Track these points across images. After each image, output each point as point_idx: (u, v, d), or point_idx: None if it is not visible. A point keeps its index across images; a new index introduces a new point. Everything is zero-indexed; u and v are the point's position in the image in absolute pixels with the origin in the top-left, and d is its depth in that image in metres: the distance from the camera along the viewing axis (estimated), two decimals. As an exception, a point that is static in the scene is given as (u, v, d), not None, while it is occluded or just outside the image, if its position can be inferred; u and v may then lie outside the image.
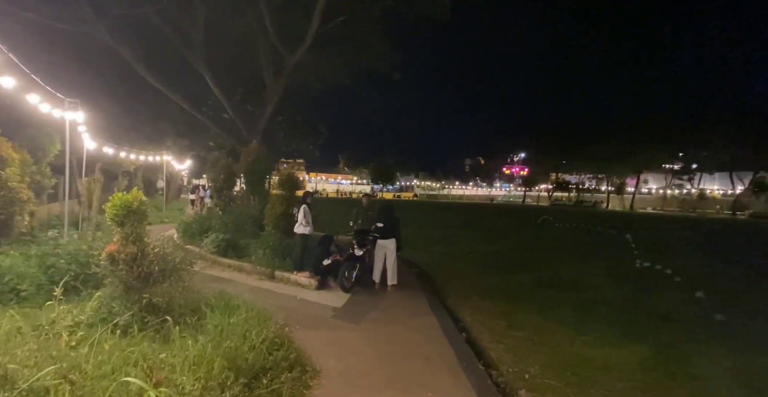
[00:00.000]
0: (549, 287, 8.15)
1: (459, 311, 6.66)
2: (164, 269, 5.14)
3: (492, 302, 7.10)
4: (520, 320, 6.11)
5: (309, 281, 7.30)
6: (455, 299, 7.27)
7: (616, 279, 9.00)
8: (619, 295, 7.69)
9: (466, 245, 14.10)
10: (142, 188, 20.85)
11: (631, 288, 8.22)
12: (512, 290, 7.97)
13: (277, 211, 8.50)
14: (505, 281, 8.76)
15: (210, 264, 9.00)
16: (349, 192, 76.84)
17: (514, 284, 8.47)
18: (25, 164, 7.82)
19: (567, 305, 6.98)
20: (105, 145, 13.05)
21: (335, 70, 15.06)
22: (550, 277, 9.16)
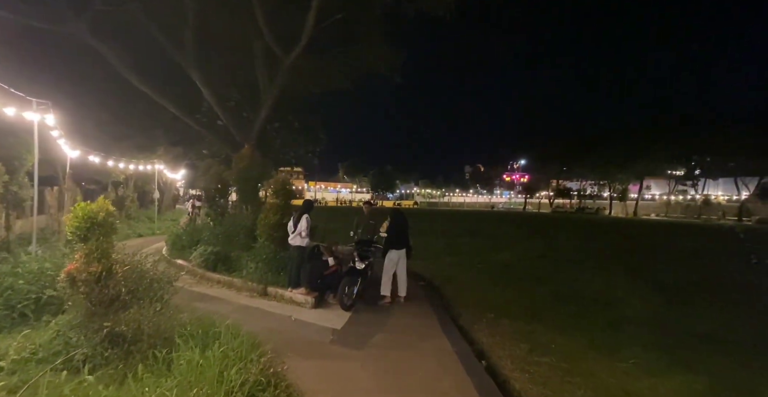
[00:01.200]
0: (570, 302, 7.42)
1: (473, 331, 5.92)
2: (135, 289, 4.44)
3: (510, 319, 6.37)
4: (544, 342, 5.38)
5: (305, 299, 6.58)
6: (468, 317, 6.54)
7: (642, 292, 8.26)
8: (650, 310, 6.96)
9: (473, 254, 13.37)
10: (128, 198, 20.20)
11: (660, 302, 7.49)
12: (530, 306, 7.24)
13: (270, 221, 7.81)
14: (520, 294, 8.03)
15: (198, 280, 8.30)
16: (348, 200, 76.16)
17: (532, 298, 7.74)
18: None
19: (593, 322, 6.25)
20: (92, 154, 12.41)
21: (334, 74, 14.47)
22: (569, 289, 8.43)
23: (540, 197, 72.17)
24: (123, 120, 15.22)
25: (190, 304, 6.25)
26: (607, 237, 20.51)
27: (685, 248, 16.85)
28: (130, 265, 5.03)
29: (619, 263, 12.09)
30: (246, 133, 10.93)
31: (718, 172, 50.36)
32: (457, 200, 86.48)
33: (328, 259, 6.86)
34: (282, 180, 7.95)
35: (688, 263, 12.33)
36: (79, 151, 11.52)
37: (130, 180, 19.23)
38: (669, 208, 56.61)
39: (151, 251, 12.63)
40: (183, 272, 8.94)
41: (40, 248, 6.63)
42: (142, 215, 20.55)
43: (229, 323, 4.32)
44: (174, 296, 6.46)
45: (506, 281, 9.28)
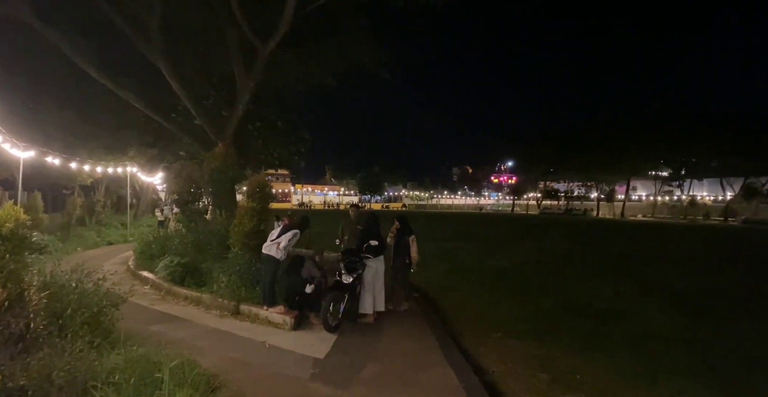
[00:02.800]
0: (582, 315, 6.65)
1: (480, 355, 5.09)
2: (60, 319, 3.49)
3: (519, 339, 5.56)
4: (565, 370, 4.57)
5: (283, 319, 5.66)
6: (472, 337, 5.70)
7: (657, 302, 7.54)
8: (674, 325, 6.22)
9: (467, 260, 12.59)
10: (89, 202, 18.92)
11: (682, 315, 6.75)
12: (539, 321, 6.45)
13: (245, 227, 6.87)
14: (525, 307, 7.24)
15: (162, 295, 7.30)
16: (336, 203, 75.03)
17: (539, 312, 6.96)
18: None
19: (615, 341, 5.48)
20: (51, 155, 11.28)
21: (316, 69, 13.58)
22: (577, 300, 7.66)
23: (528, 199, 72.11)
24: (89, 119, 14.05)
25: (147, 328, 5.31)
26: (600, 240, 19.99)
27: (682, 251, 16.35)
28: (60, 287, 4.08)
29: (621, 268, 11.42)
30: (220, 130, 9.97)
31: (702, 172, 50.74)
32: (446, 201, 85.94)
33: (309, 275, 5.95)
34: (259, 181, 7.02)
35: (692, 267, 11.73)
36: (33, 152, 10.42)
37: (101, 184, 17.96)
38: (655, 209, 56.92)
39: (117, 260, 11.56)
40: (147, 286, 7.98)
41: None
42: (116, 221, 19.30)
43: (177, 364, 3.36)
44: (129, 319, 5.52)
45: (507, 291, 8.49)
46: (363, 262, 6.05)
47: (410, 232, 6.69)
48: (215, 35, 10.44)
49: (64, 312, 3.79)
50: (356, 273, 5.92)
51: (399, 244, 6.65)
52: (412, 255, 6.56)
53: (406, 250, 6.58)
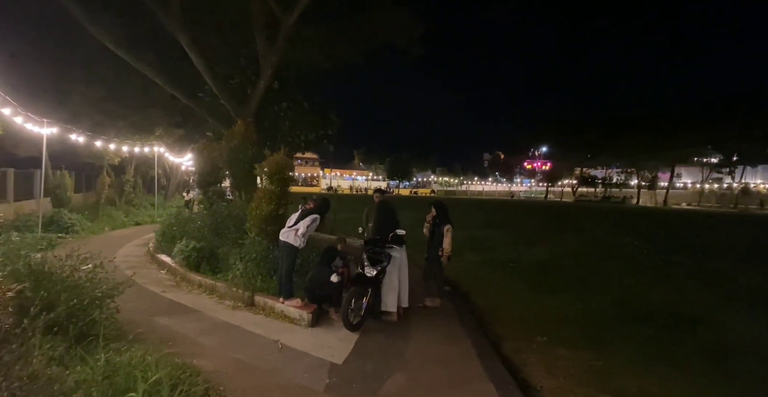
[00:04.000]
0: (642, 319, 5.77)
1: (523, 364, 4.37)
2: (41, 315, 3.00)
3: (568, 346, 4.78)
4: (632, 390, 3.79)
5: (300, 314, 5.09)
6: (512, 341, 4.97)
7: (731, 304, 6.54)
8: (761, 335, 5.26)
9: (502, 250, 11.73)
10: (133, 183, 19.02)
11: (766, 322, 5.77)
12: (588, 324, 5.63)
13: (263, 211, 6.31)
14: (571, 306, 6.41)
15: (177, 281, 6.91)
16: (364, 188, 74.68)
17: (587, 312, 6.12)
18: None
19: (688, 354, 4.61)
20: (75, 132, 11.09)
21: (345, 46, 12.80)
22: (631, 300, 6.76)
23: (562, 186, 69.42)
24: (117, 97, 13.86)
25: (151, 320, 4.85)
26: (645, 229, 18.54)
27: (744, 243, 14.84)
28: (47, 275, 3.60)
29: (676, 262, 10.29)
30: (241, 108, 9.42)
31: (757, 158, 47.02)
32: (476, 188, 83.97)
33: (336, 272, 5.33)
34: (277, 161, 6.41)
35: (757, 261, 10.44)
36: (56, 129, 10.22)
37: (130, 164, 18.00)
38: (702, 197, 53.54)
39: (140, 242, 11.38)
40: (163, 271, 7.63)
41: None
42: (145, 201, 19.41)
43: (165, 375, 2.80)
44: (135, 309, 5.10)
45: (548, 287, 7.65)
46: (388, 253, 5.39)
47: (446, 221, 5.98)
48: (238, 7, 9.81)
49: (52, 306, 3.31)
50: (380, 265, 5.26)
51: (435, 234, 5.98)
52: (444, 247, 5.86)
53: (440, 241, 5.89)
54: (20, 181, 11.92)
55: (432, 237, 6.02)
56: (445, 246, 5.85)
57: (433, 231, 6.00)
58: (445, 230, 5.87)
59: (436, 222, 6.00)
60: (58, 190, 12.66)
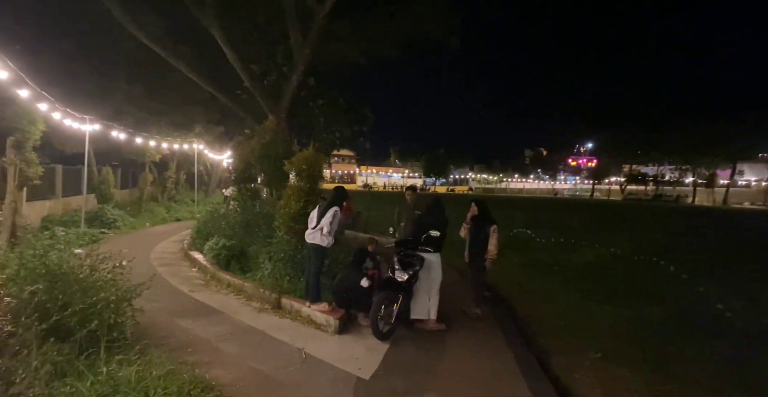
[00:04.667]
0: (711, 333, 5.04)
1: (576, 385, 3.83)
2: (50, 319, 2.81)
3: (627, 365, 4.19)
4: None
5: (327, 319, 4.77)
6: (562, 357, 4.42)
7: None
8: None
9: (544, 252, 11.00)
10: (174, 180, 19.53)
11: None
12: (651, 339, 4.97)
13: (291, 209, 6.05)
14: (627, 316, 5.75)
15: (207, 280, 6.79)
16: (400, 185, 74.25)
17: (646, 325, 5.45)
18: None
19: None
20: (115, 129, 11.36)
21: (381, 38, 12.41)
22: (696, 310, 5.98)
23: (610, 183, 66.06)
24: (157, 94, 14.18)
25: (174, 322, 4.67)
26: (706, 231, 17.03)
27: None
28: (61, 275, 3.44)
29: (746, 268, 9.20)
30: (274, 104, 9.27)
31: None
32: (516, 185, 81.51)
33: (366, 275, 4.98)
34: (306, 157, 6.13)
35: None
36: (98, 126, 10.47)
37: (172, 160, 18.49)
38: (767, 196, 49.31)
39: (178, 238, 11.53)
40: (195, 269, 7.57)
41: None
42: (187, 198, 19.91)
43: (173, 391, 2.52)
44: (160, 310, 4.97)
45: (598, 294, 6.96)
46: (420, 256, 4.97)
47: (491, 221, 5.47)
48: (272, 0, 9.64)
49: (63, 310, 3.14)
50: (412, 270, 4.85)
51: (477, 235, 5.45)
52: (490, 249, 5.34)
53: (485, 243, 5.37)
54: (67, 178, 12.39)
55: (474, 239, 5.50)
56: (492, 248, 5.35)
57: (476, 232, 5.47)
58: (492, 231, 5.35)
59: (478, 222, 5.49)
60: (102, 187, 13.11)
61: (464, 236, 5.58)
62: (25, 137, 8.07)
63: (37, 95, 7.38)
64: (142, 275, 6.80)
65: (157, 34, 8.59)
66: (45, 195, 11.59)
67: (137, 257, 8.45)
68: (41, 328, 2.73)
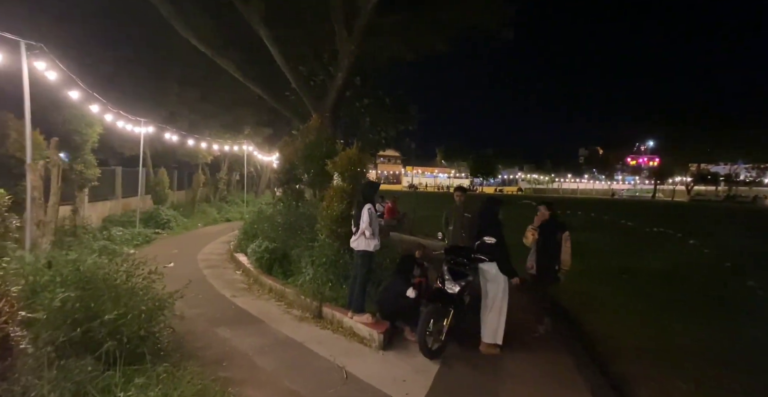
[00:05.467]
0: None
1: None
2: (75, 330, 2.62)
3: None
4: None
5: (370, 333, 4.38)
6: (645, 387, 3.76)
7: None
8: None
9: (609, 258, 10.04)
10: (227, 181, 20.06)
11: None
12: (753, 363, 4.18)
13: (334, 211, 5.74)
14: (720, 336, 4.94)
15: (250, 283, 6.64)
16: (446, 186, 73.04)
17: (745, 346, 4.63)
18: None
19: None
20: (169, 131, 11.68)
21: (429, 32, 11.92)
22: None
23: (674, 184, 61.25)
24: (209, 97, 14.54)
25: (212, 331, 4.46)
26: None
27: None
28: (88, 282, 3.26)
29: None
30: (319, 103, 9.06)
31: None
32: (569, 186, 77.58)
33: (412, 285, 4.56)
34: (349, 156, 5.81)
35: None
36: (152, 128, 10.78)
37: (224, 162, 19.00)
38: None
39: (226, 238, 11.64)
40: (239, 272, 7.46)
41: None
42: (238, 199, 20.39)
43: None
44: (199, 316, 4.80)
45: (679, 308, 6.12)
46: (474, 265, 4.46)
47: (563, 226, 4.87)
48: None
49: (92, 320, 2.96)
50: (465, 280, 4.36)
51: (547, 243, 4.84)
52: (564, 259, 4.75)
53: (556, 252, 4.76)
54: (127, 179, 12.92)
55: (544, 248, 4.87)
56: (566, 258, 4.75)
57: (546, 239, 4.84)
58: (564, 238, 4.75)
59: (548, 228, 4.87)
60: (158, 188, 13.57)
61: (530, 243, 4.98)
62: (84, 139, 8.39)
63: (93, 99, 7.62)
64: (187, 276, 6.79)
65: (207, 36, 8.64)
66: (106, 196, 12.14)
67: (185, 258, 8.66)
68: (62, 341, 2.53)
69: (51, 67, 5.03)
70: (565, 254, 4.73)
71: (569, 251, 4.74)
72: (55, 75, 5.15)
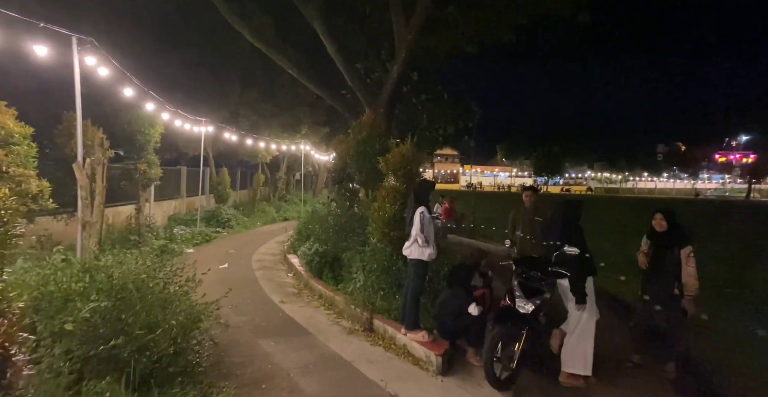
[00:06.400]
0: None
1: None
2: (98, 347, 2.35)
3: None
4: None
5: (427, 354, 3.82)
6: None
7: None
8: None
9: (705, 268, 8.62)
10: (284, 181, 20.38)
11: None
12: None
13: (386, 213, 5.25)
14: None
15: (300, 288, 6.35)
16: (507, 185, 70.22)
17: None
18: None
19: None
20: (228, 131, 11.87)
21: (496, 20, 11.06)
22: None
23: (773, 182, 54.28)
24: (269, 97, 14.73)
25: (255, 343, 4.13)
26: None
27: None
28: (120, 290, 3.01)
29: None
30: (373, 97, 8.65)
31: None
32: (646, 185, 71.34)
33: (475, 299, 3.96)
34: (403, 153, 5.29)
35: None
36: (212, 128, 10.98)
37: (282, 161, 19.30)
38: None
39: (282, 238, 11.59)
40: (290, 274, 7.22)
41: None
42: (296, 198, 20.66)
43: None
44: (244, 325, 4.52)
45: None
46: (551, 280, 3.74)
47: (684, 239, 3.86)
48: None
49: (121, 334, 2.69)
50: (540, 298, 3.66)
51: (662, 260, 3.90)
52: (688, 282, 3.73)
53: (674, 271, 3.82)
54: (191, 179, 13.38)
55: (658, 266, 3.93)
56: (690, 281, 3.72)
57: (662, 255, 3.90)
58: (687, 256, 3.76)
59: (664, 241, 3.94)
60: (219, 187, 13.94)
61: (643, 262, 4.05)
62: (146, 139, 8.61)
63: (154, 99, 7.77)
64: (239, 278, 6.67)
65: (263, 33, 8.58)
66: (172, 195, 12.63)
67: (240, 259, 8.62)
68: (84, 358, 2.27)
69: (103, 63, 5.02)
70: (687, 275, 3.72)
71: (693, 271, 3.72)
72: (107, 71, 5.14)
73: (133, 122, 8.24)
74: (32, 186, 4.40)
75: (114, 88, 6.35)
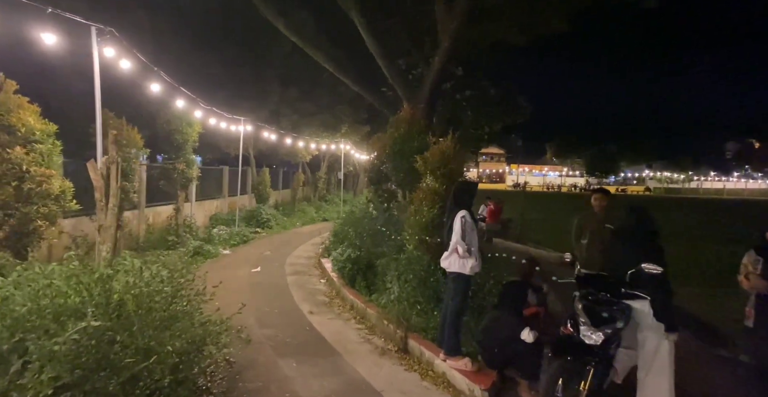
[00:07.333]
0: None
1: None
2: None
3: None
4: None
5: (470, 387, 3.24)
6: None
7: None
8: None
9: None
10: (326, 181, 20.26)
11: None
12: None
13: (423, 217, 4.70)
14: None
15: (331, 297, 5.92)
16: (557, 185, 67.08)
17: None
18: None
19: None
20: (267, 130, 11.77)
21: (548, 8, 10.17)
22: None
23: None
24: (310, 96, 14.56)
25: (277, 364, 3.71)
26: None
27: None
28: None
29: None
30: (413, 92, 8.11)
31: None
32: (712, 185, 65.65)
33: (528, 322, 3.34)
34: (442, 151, 4.72)
35: None
36: (251, 127, 10.88)
37: (323, 161, 19.15)
38: None
39: (319, 240, 11.29)
40: (323, 281, 6.82)
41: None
42: (336, 198, 20.48)
43: None
44: (268, 339, 4.14)
45: None
46: (626, 306, 3.03)
47: None
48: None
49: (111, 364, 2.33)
50: (611, 327, 2.95)
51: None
52: None
53: None
54: (232, 178, 13.43)
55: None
56: None
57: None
58: None
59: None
60: (260, 187, 13.92)
61: (750, 286, 3.29)
62: (184, 139, 8.55)
63: (192, 99, 7.67)
64: (271, 284, 6.34)
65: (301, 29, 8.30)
66: (213, 195, 12.70)
67: (274, 262, 8.35)
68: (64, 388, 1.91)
69: (124, 54, 4.83)
70: None
71: None
72: (129, 64, 4.95)
73: (170, 122, 8.21)
74: (54, 186, 4.24)
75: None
